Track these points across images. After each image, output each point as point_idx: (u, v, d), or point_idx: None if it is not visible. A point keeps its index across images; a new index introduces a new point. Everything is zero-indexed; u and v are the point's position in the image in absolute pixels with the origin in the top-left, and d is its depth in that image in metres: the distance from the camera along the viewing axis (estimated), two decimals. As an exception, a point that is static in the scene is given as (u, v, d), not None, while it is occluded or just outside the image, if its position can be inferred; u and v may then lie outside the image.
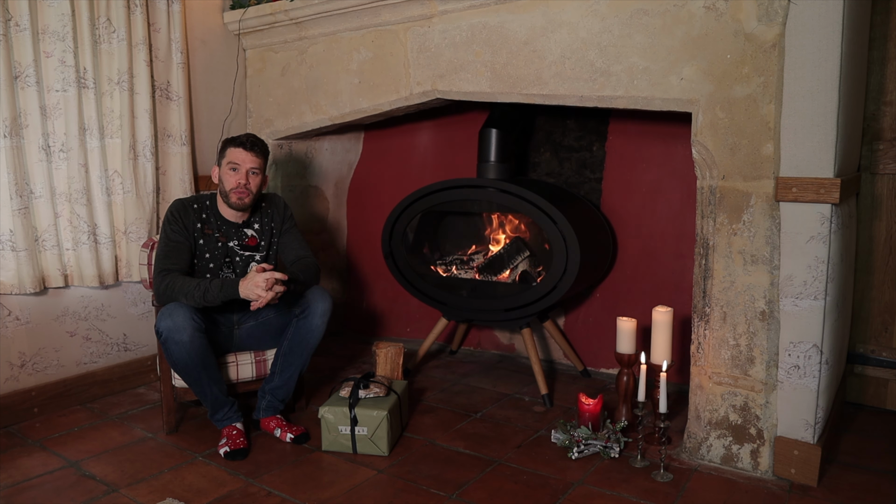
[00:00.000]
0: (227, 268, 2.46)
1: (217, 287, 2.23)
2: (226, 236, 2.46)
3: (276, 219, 2.56)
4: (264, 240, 2.53)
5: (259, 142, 2.44)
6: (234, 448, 2.29)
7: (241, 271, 2.48)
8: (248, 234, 2.50)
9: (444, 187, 2.87)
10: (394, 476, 2.17)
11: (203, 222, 2.44)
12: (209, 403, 2.36)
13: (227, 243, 2.46)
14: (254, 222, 2.53)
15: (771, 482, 2.10)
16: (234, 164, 2.39)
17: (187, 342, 2.19)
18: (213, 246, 2.44)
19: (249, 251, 2.50)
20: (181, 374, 2.30)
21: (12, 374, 2.59)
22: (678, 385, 2.85)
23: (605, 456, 2.27)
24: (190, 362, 2.23)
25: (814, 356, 2.02)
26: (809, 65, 1.93)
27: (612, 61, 2.30)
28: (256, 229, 2.53)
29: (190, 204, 2.45)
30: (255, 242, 2.51)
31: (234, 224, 2.48)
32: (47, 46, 2.57)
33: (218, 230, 2.45)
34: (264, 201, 2.57)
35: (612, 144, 3.04)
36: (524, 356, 3.36)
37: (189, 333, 2.19)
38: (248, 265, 2.49)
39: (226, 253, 2.46)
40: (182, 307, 2.21)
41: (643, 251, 3.00)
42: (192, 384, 2.32)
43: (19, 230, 2.51)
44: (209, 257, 2.43)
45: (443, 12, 2.68)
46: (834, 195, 1.92)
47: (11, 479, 2.15)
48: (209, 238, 2.43)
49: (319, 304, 2.38)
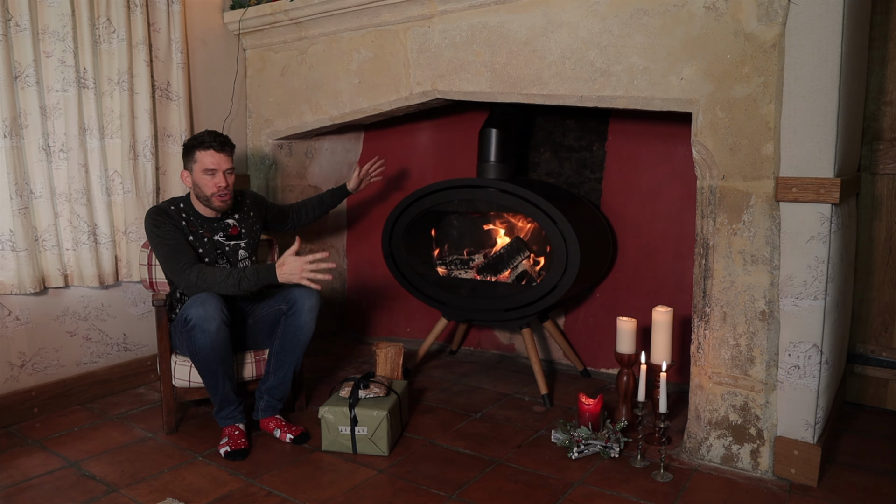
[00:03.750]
0: (221, 259, 2.50)
1: (253, 274, 2.29)
2: (210, 231, 2.50)
3: (255, 210, 2.66)
4: (245, 227, 2.59)
5: (226, 139, 2.48)
6: (235, 448, 2.29)
7: (234, 260, 2.53)
8: (230, 223, 2.56)
9: (444, 187, 2.87)
10: (394, 476, 2.17)
11: (186, 222, 2.46)
12: (218, 398, 2.36)
13: (212, 237, 2.50)
14: (232, 213, 2.59)
15: (771, 482, 2.10)
16: (210, 169, 2.41)
17: (214, 332, 2.23)
18: (202, 242, 2.47)
19: (234, 240, 2.56)
20: (199, 365, 2.31)
21: (12, 374, 2.59)
22: (678, 385, 2.85)
23: (605, 456, 2.27)
24: (212, 353, 2.26)
25: (814, 356, 2.02)
26: (809, 65, 1.93)
27: (612, 61, 2.30)
28: (237, 218, 2.59)
29: (167, 207, 2.47)
30: (237, 231, 2.57)
31: (213, 219, 2.53)
32: (47, 46, 2.57)
33: (201, 227, 2.49)
34: (239, 195, 2.64)
35: (612, 144, 3.04)
36: (524, 356, 3.36)
37: (217, 324, 2.23)
38: (237, 253, 2.55)
39: (215, 246, 2.49)
40: (213, 297, 2.25)
41: (643, 251, 3.00)
42: (208, 376, 2.32)
43: (19, 230, 2.51)
44: (202, 252, 2.46)
45: (443, 12, 2.68)
46: (834, 195, 1.92)
47: (11, 479, 2.15)
48: (196, 234, 2.47)
49: (306, 300, 2.39)
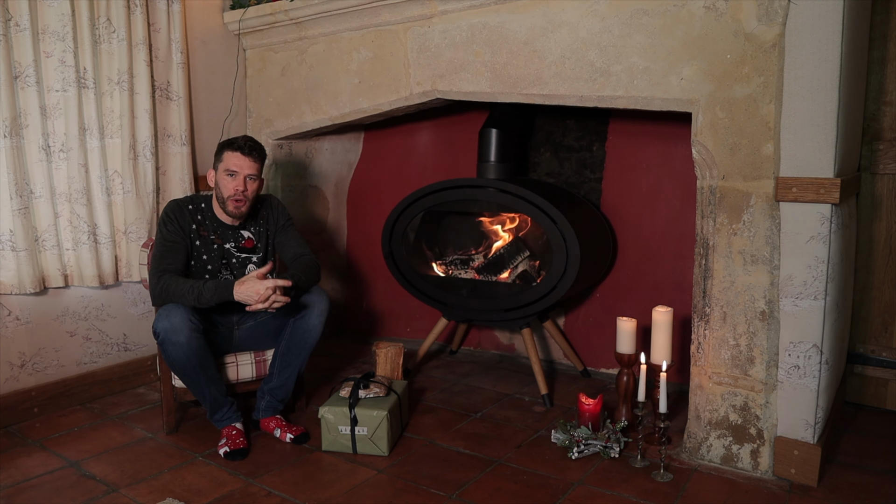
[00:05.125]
0: (224, 269, 2.45)
1: (211, 289, 2.20)
2: (222, 238, 2.44)
3: (271, 219, 2.55)
4: (261, 241, 2.52)
5: (257, 145, 2.41)
6: (234, 448, 2.29)
7: (239, 273, 2.45)
8: (245, 235, 2.49)
9: (444, 187, 2.87)
10: (394, 476, 2.17)
11: (198, 224, 2.42)
12: (208, 404, 2.36)
13: (223, 245, 2.44)
14: (250, 225, 2.51)
15: (771, 482, 2.10)
16: (232, 170, 2.35)
17: (184, 343, 2.18)
18: (210, 248, 2.42)
19: (246, 253, 2.48)
20: (179, 375, 2.30)
21: (12, 374, 2.59)
22: (678, 385, 2.85)
23: (605, 456, 2.27)
24: (188, 363, 2.23)
25: (814, 356, 2.02)
26: (809, 65, 1.93)
27: (612, 61, 2.30)
28: (253, 231, 2.51)
29: (185, 205, 2.43)
30: (251, 245, 2.49)
31: (229, 226, 2.46)
32: (47, 46, 2.57)
33: (214, 232, 2.43)
34: (260, 204, 2.55)
35: (612, 144, 3.04)
36: (524, 356, 3.36)
37: (186, 335, 2.17)
38: (245, 267, 2.48)
39: (222, 255, 2.44)
40: (179, 308, 2.19)
41: (643, 251, 3.00)
42: (191, 385, 2.32)
43: (19, 230, 2.51)
44: (206, 259, 2.42)
45: (443, 12, 2.68)
46: (834, 195, 1.92)
47: (11, 479, 2.15)
48: (205, 240, 2.42)
49: (317, 304, 2.37)
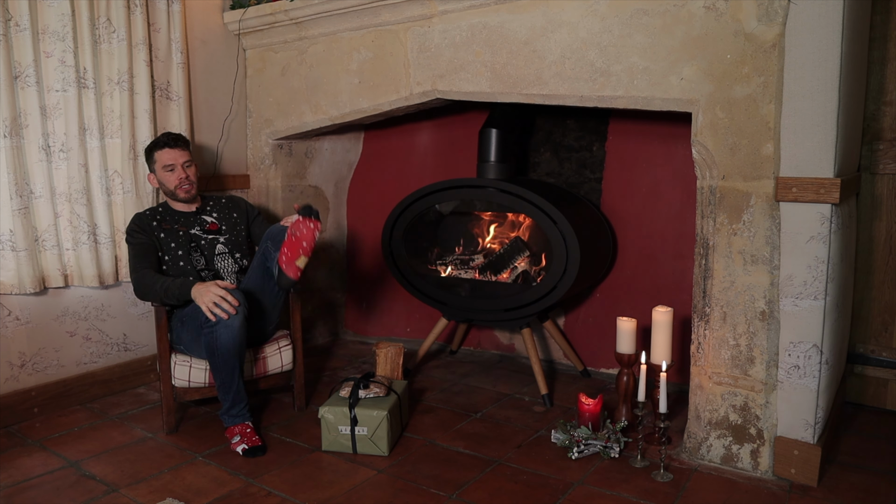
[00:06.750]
0: (195, 252, 2.60)
1: (177, 287, 2.36)
2: (185, 226, 2.63)
3: (239, 212, 2.79)
4: (226, 225, 2.72)
5: (179, 136, 2.66)
6: (253, 445, 2.31)
7: (209, 253, 2.63)
8: (208, 220, 2.69)
9: (444, 187, 2.87)
10: (394, 476, 2.17)
11: (160, 220, 2.60)
12: (231, 395, 2.36)
13: (188, 231, 2.62)
14: (210, 210, 2.73)
15: (771, 482, 2.10)
16: (168, 164, 2.59)
17: (237, 328, 2.27)
18: (176, 236, 2.59)
19: (213, 234, 2.68)
20: (220, 361, 2.30)
21: (12, 374, 2.59)
22: (678, 385, 2.85)
23: (605, 456, 2.27)
24: (233, 349, 2.29)
25: (814, 356, 2.02)
26: (809, 65, 1.93)
27: (612, 61, 2.30)
28: (216, 217, 2.72)
29: (144, 213, 2.62)
30: (216, 227, 2.70)
31: (189, 214, 2.67)
32: (47, 46, 2.57)
33: (176, 222, 2.62)
34: (225, 199, 2.81)
35: (612, 144, 3.04)
36: (524, 356, 3.36)
37: (240, 320, 2.28)
38: (215, 248, 2.65)
39: (190, 239, 2.61)
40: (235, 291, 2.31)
41: (643, 251, 3.00)
42: (226, 372, 2.32)
43: (19, 230, 2.51)
44: (175, 246, 2.58)
45: (443, 12, 2.68)
46: (834, 195, 1.92)
47: (11, 478, 2.15)
48: (170, 231, 2.59)
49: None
